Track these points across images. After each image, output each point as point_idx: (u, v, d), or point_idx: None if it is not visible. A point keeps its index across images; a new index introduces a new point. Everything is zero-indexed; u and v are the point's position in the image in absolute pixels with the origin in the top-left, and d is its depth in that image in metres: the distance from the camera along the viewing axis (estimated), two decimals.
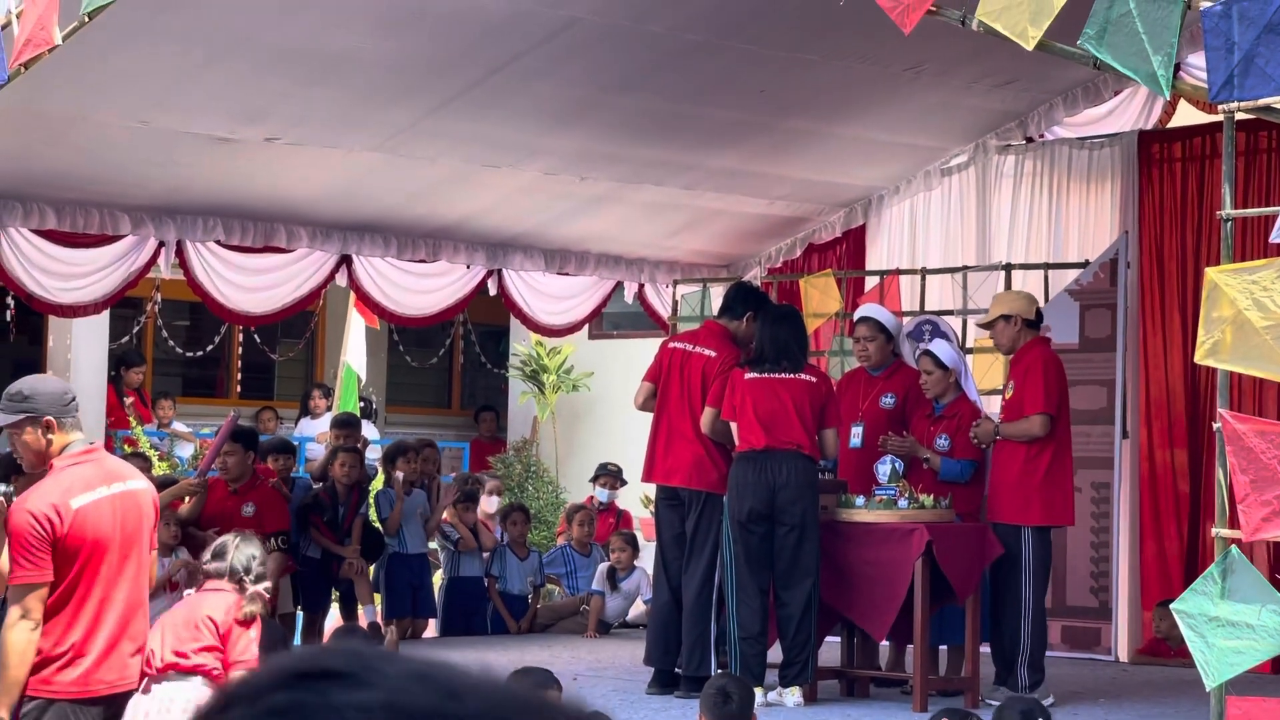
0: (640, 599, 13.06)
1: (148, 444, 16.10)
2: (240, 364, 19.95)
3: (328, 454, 12.87)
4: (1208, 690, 6.19)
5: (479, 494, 13.67)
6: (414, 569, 12.78)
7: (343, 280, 13.73)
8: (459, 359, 21.62)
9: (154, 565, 6.58)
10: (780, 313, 10.27)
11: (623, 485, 14.57)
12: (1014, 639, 10.12)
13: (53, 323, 17.34)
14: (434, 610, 13.09)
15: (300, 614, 12.63)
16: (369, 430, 17.09)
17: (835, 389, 10.51)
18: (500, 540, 13.46)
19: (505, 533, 13.34)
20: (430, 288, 14.20)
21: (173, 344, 16.55)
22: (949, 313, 12.93)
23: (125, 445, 16.00)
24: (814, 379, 9.90)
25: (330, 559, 12.37)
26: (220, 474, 11.72)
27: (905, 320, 12.50)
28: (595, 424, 19.11)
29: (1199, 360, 6.16)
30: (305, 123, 11.45)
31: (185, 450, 16.84)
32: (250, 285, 13.23)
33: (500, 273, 14.39)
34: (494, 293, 14.51)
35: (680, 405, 10.18)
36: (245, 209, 12.78)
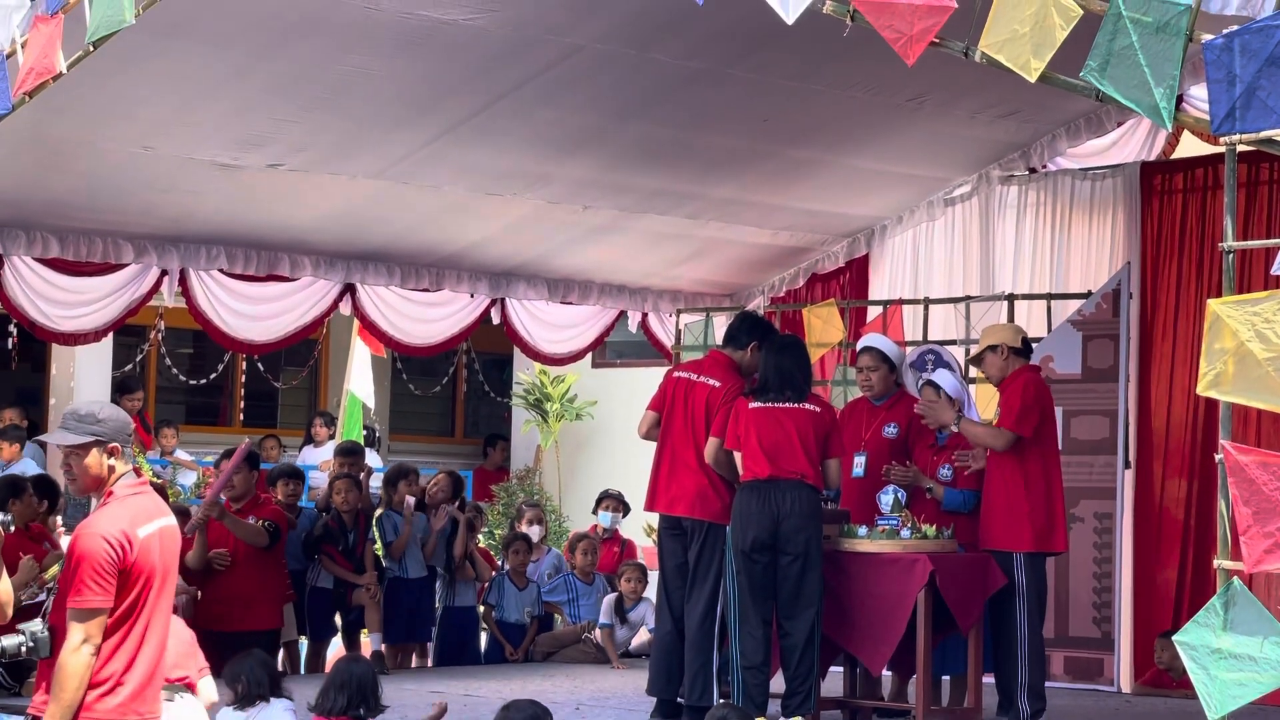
0: (645, 628, 13.04)
1: (150, 472, 16.08)
2: (243, 392, 19.96)
3: (330, 482, 12.87)
4: None
5: (478, 523, 13.64)
6: (414, 593, 12.77)
7: (346, 309, 13.75)
8: (462, 387, 21.62)
9: None
10: (784, 342, 10.26)
11: (627, 512, 14.54)
12: (1012, 667, 10.10)
13: (56, 350, 17.36)
14: (429, 634, 13.07)
15: (305, 642, 12.63)
16: (372, 458, 17.10)
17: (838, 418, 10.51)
18: (501, 568, 13.45)
19: (506, 561, 13.32)
20: (434, 317, 14.22)
21: (176, 372, 16.57)
22: (952, 342, 12.94)
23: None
24: (818, 409, 9.90)
25: (341, 587, 12.37)
26: (225, 493, 11.81)
27: (908, 350, 12.51)
28: (598, 453, 19.11)
29: (1201, 392, 6.15)
30: (308, 149, 11.46)
31: (188, 479, 16.83)
32: (253, 314, 13.25)
33: (503, 302, 14.41)
34: (497, 321, 14.52)
35: (684, 434, 10.17)
36: (249, 237, 12.79)
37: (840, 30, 7.03)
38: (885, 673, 10.55)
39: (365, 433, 17.58)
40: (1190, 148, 12.95)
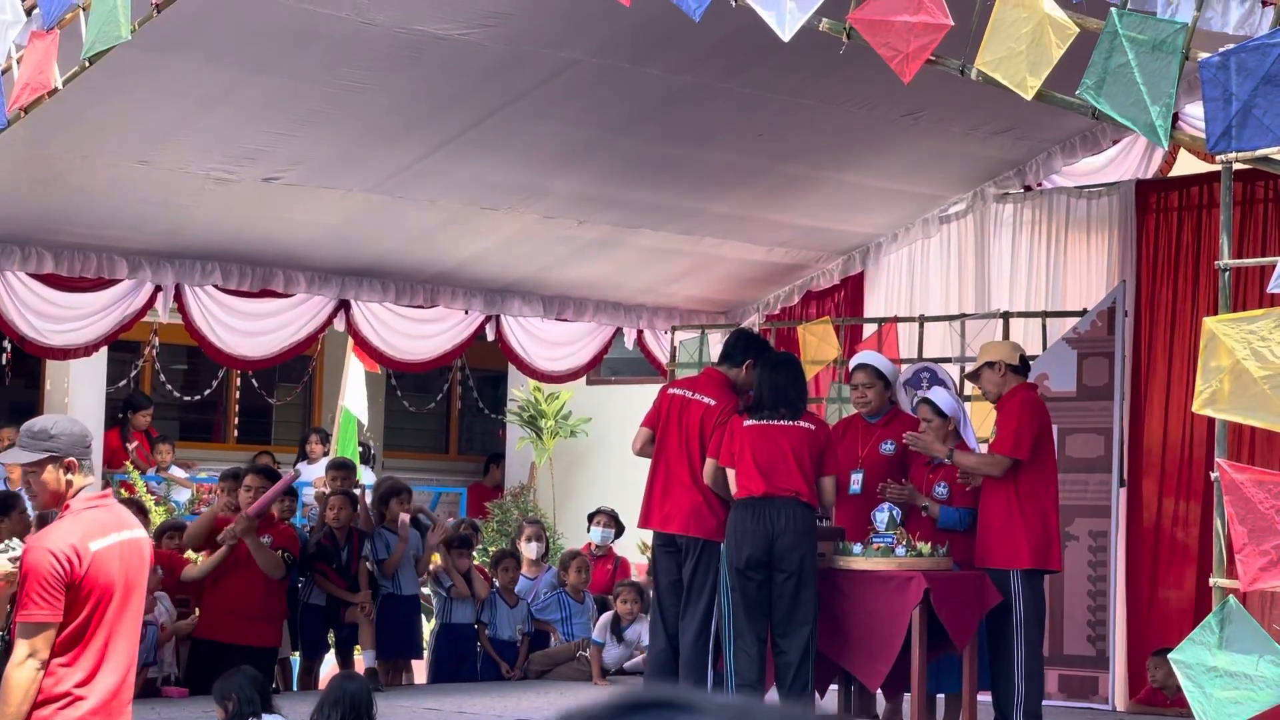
0: (641, 646, 13.00)
1: (144, 488, 16.06)
2: (238, 408, 19.94)
3: (321, 499, 12.83)
4: None
5: (473, 540, 13.61)
6: (406, 610, 12.75)
7: (340, 325, 13.73)
8: (456, 404, 21.61)
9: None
10: (779, 360, 10.26)
11: (620, 529, 14.50)
12: (1008, 685, 10.09)
13: (50, 366, 17.33)
14: (420, 652, 13.04)
15: (297, 658, 12.60)
16: (366, 475, 17.06)
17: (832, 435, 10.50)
18: (492, 587, 13.42)
19: (496, 579, 13.28)
20: (428, 333, 14.21)
21: (170, 388, 16.54)
22: (947, 360, 12.94)
23: (122, 490, 15.96)
24: (813, 426, 9.89)
25: (334, 605, 12.34)
26: (228, 510, 11.83)
27: (903, 368, 12.51)
28: (592, 470, 19.09)
29: (1197, 410, 6.16)
30: (304, 164, 11.46)
31: (182, 495, 16.79)
32: (247, 329, 13.24)
33: (498, 319, 14.39)
34: (491, 338, 14.51)
35: (678, 452, 10.16)
36: (244, 253, 12.78)
37: (836, 45, 7.04)
38: (878, 691, 10.55)
39: (360, 450, 17.55)
40: (1187, 165, 12.96)
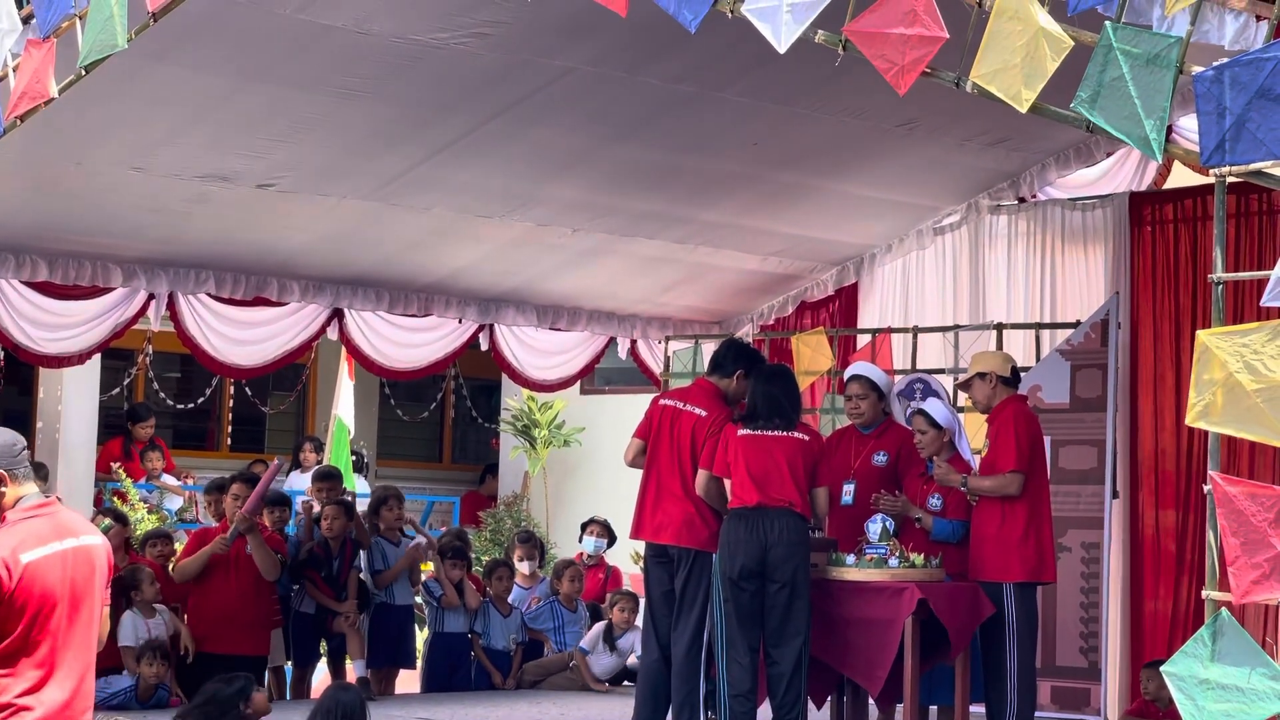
0: (634, 655, 12.99)
1: (137, 497, 16.05)
2: (231, 417, 19.95)
3: (308, 509, 12.78)
4: None
5: (466, 550, 13.61)
6: (399, 620, 12.73)
7: (334, 334, 13.72)
8: (450, 413, 21.62)
9: (107, 621, 6.30)
10: (773, 371, 10.27)
11: (613, 539, 14.49)
12: (1001, 697, 10.09)
13: (43, 375, 17.32)
14: (412, 661, 13.03)
15: (290, 668, 12.59)
16: (360, 484, 17.06)
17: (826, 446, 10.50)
18: (485, 596, 13.40)
19: (490, 588, 13.27)
20: (420, 342, 14.21)
21: (164, 396, 16.54)
22: (940, 371, 12.95)
23: (115, 498, 15.95)
24: (806, 437, 9.90)
25: (324, 613, 12.33)
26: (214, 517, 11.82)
27: (897, 379, 12.51)
28: (586, 479, 19.09)
29: (1190, 422, 6.16)
30: (298, 171, 11.45)
31: (174, 503, 16.77)
32: (240, 338, 13.23)
33: (491, 328, 14.39)
34: (485, 348, 14.50)
35: (670, 462, 10.15)
36: (237, 262, 12.77)
37: (831, 55, 7.05)
38: (871, 702, 10.55)
39: (354, 459, 17.55)
40: (1181, 178, 12.97)
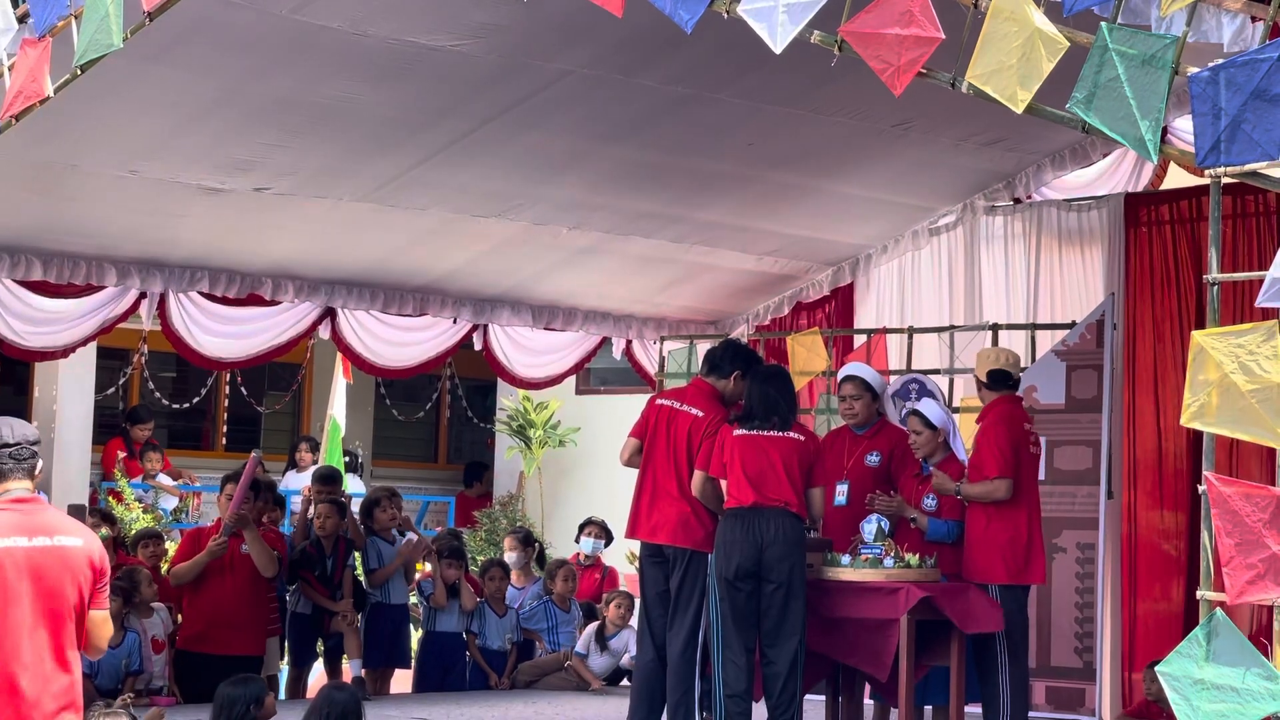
0: (628, 655, 12.99)
1: (133, 496, 16.04)
2: (226, 416, 19.94)
3: (304, 509, 12.78)
4: None
5: (463, 550, 13.61)
6: (395, 619, 12.73)
7: (325, 332, 13.71)
8: (445, 413, 21.60)
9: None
10: (769, 371, 10.27)
11: (610, 539, 14.49)
12: (994, 699, 10.09)
13: (39, 374, 17.31)
14: (408, 661, 13.02)
15: (285, 668, 12.58)
16: (355, 484, 17.04)
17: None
18: (481, 597, 13.40)
19: (484, 587, 13.27)
20: (413, 340, 14.20)
21: (159, 395, 16.53)
22: (936, 372, 12.96)
23: (110, 498, 15.95)
24: (802, 437, 9.89)
25: (320, 613, 12.32)
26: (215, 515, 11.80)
27: (891, 379, 12.52)
28: (581, 480, 19.08)
29: (1185, 423, 6.16)
30: (295, 173, 11.46)
31: (169, 503, 16.77)
32: (225, 331, 13.19)
33: (485, 327, 14.39)
34: (478, 347, 14.50)
35: (666, 462, 10.15)
36: (232, 262, 12.77)
37: (827, 55, 7.05)
38: (868, 702, 10.56)
39: (348, 459, 17.54)
40: (1176, 179, 12.98)
